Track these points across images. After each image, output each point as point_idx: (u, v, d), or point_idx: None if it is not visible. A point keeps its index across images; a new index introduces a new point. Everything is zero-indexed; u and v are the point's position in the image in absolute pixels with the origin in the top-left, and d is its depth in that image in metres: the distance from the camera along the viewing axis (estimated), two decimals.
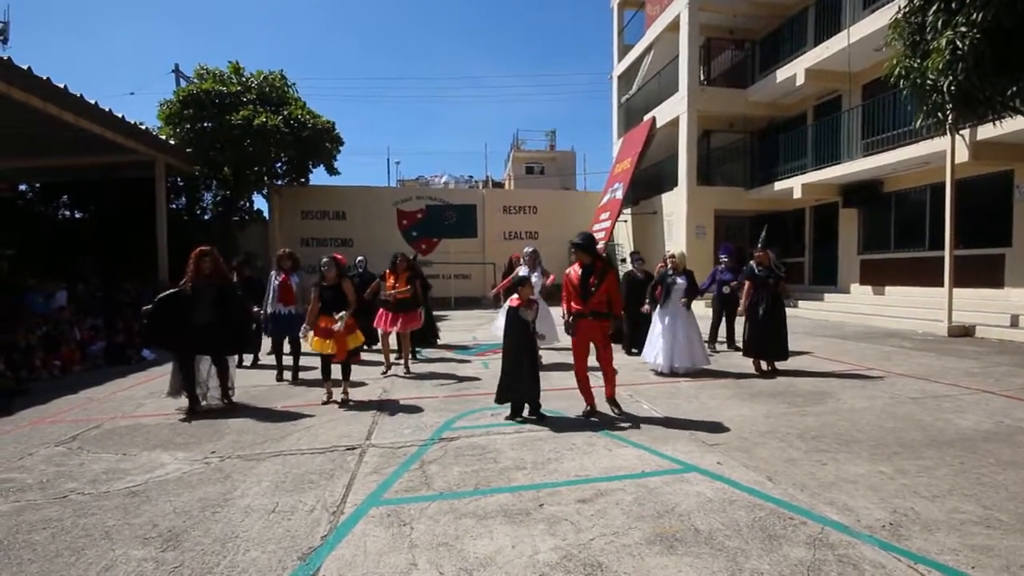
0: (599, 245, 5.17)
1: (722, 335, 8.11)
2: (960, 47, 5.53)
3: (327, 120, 15.85)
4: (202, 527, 2.67)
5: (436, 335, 8.92)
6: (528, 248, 7.03)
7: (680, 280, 6.31)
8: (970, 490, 2.93)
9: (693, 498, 2.88)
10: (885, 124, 11.11)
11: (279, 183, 16.92)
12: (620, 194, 16.08)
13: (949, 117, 6.48)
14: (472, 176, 40.25)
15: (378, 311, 6.75)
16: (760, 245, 6.29)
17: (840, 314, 11.53)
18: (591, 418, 4.44)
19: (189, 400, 4.89)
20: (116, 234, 14.00)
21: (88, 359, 7.68)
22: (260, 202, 18.28)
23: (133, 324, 8.57)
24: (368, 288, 6.91)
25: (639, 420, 4.38)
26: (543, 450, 3.69)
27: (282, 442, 3.99)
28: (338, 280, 5.26)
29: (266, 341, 6.81)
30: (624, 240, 18.15)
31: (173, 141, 13.16)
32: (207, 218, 16.58)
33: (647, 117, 16.56)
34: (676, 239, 15.01)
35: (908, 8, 6.44)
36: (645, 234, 17.15)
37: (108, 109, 9.72)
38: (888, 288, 12.07)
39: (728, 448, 3.67)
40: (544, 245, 9.89)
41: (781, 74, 13.54)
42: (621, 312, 4.82)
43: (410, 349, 6.87)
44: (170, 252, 11.90)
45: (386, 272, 6.82)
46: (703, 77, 15.58)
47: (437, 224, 18.56)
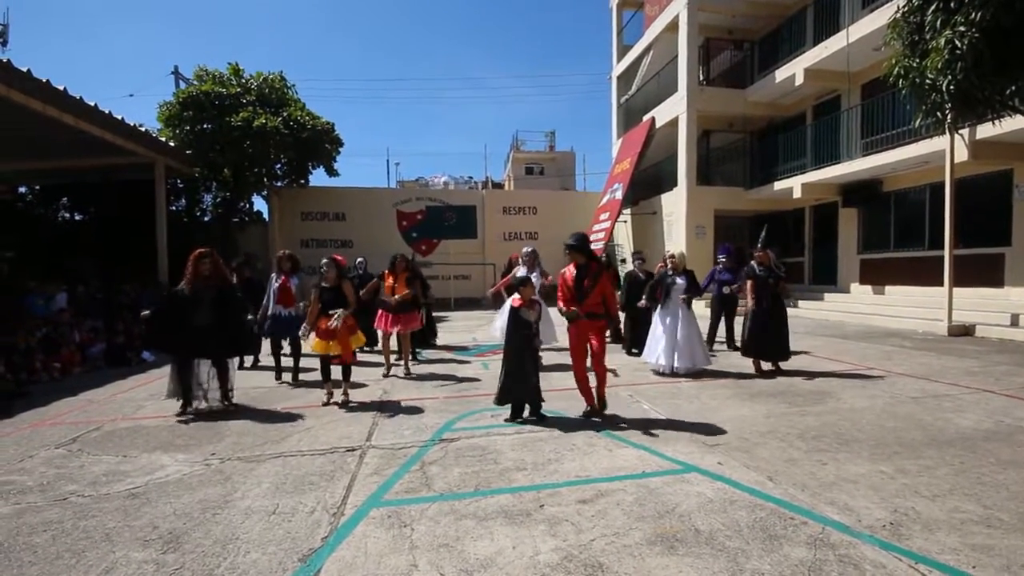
0: (599, 246, 5.18)
1: (721, 335, 8.12)
2: (959, 46, 5.53)
3: (327, 121, 15.86)
4: (202, 529, 2.67)
5: (435, 335, 8.95)
6: (527, 248, 7.01)
7: (680, 280, 6.32)
8: (971, 489, 2.93)
9: (694, 498, 2.88)
10: (884, 124, 11.11)
11: (279, 184, 16.91)
12: (620, 194, 16.08)
13: (948, 116, 6.49)
14: (472, 177, 40.37)
15: (378, 312, 6.75)
16: (760, 245, 6.30)
17: (840, 314, 11.54)
18: (591, 418, 4.45)
19: (182, 401, 4.89)
20: (116, 236, 13.97)
21: (88, 361, 7.67)
22: (260, 203, 18.35)
23: (133, 326, 8.57)
24: (366, 288, 6.90)
25: (639, 420, 4.37)
26: (543, 451, 3.69)
27: (282, 444, 3.99)
28: (338, 281, 5.27)
29: (266, 342, 6.80)
30: (624, 240, 18.16)
31: (173, 143, 13.17)
32: (207, 220, 16.57)
33: (646, 117, 16.57)
34: (676, 239, 15.01)
35: (907, 8, 6.44)
36: (645, 234, 17.15)
37: (108, 111, 9.73)
38: (888, 288, 12.08)
39: (729, 448, 3.67)
40: (544, 246, 9.88)
41: (780, 74, 13.56)
42: (617, 312, 4.82)
43: (410, 350, 6.88)
44: (170, 254, 11.89)
45: (384, 272, 6.83)
46: (702, 77, 15.59)
47: (437, 225, 18.56)
